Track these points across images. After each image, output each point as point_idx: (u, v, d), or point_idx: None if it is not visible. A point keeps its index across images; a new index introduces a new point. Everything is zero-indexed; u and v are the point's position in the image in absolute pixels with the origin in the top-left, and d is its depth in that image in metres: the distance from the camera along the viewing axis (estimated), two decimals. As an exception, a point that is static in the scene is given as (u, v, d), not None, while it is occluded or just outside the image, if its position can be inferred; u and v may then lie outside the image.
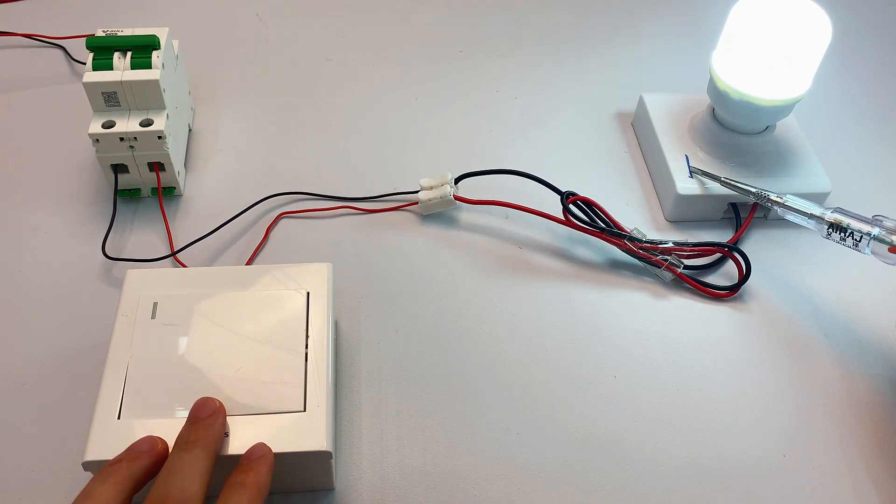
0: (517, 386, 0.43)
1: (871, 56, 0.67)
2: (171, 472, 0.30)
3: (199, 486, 0.30)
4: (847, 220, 0.40)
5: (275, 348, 0.37)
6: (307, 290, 0.40)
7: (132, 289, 0.40)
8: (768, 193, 0.44)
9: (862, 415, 0.43)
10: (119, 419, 0.35)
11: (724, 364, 0.44)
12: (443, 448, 0.40)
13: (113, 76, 0.46)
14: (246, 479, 0.31)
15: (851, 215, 0.41)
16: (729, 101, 0.49)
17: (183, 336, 0.38)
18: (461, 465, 0.40)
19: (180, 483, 0.30)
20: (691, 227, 0.51)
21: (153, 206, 0.50)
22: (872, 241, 0.39)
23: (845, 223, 0.40)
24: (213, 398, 0.34)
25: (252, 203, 0.51)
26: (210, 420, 0.33)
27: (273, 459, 0.33)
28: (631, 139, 0.58)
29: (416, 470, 0.39)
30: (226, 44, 0.64)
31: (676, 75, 0.63)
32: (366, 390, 0.42)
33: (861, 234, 0.39)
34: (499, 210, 0.51)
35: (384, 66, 0.62)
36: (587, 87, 0.62)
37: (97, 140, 0.46)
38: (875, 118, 0.61)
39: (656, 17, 0.69)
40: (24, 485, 0.38)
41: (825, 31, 0.46)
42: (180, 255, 0.47)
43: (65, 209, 0.50)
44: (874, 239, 0.39)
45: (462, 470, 0.39)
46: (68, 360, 0.43)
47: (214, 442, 0.32)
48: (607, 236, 0.48)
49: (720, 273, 0.49)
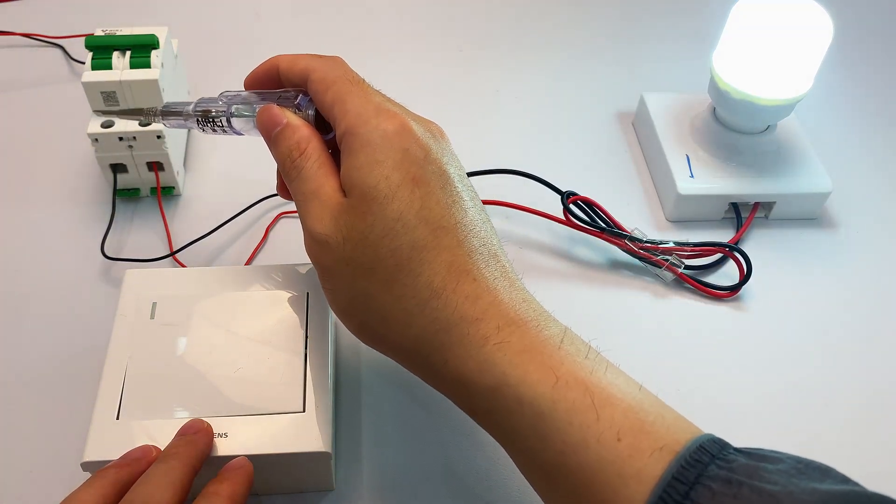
0: (517, 386, 0.43)
1: (871, 56, 0.67)
2: (143, 482, 0.31)
3: (168, 496, 0.30)
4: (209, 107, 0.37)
5: (274, 349, 0.37)
6: (307, 290, 0.40)
7: (131, 289, 0.39)
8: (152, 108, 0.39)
9: (862, 414, 0.43)
10: (118, 419, 0.35)
11: (724, 364, 0.44)
12: (443, 448, 0.40)
13: (112, 76, 0.46)
14: (220, 489, 0.31)
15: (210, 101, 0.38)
16: (730, 100, 0.49)
17: (182, 336, 0.37)
18: (461, 465, 0.40)
19: (149, 491, 0.30)
20: (692, 226, 0.51)
21: (152, 205, 0.50)
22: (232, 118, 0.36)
23: (211, 111, 0.37)
24: (203, 420, 0.34)
25: (251, 203, 0.50)
26: (194, 437, 0.33)
27: (252, 472, 0.33)
28: (631, 139, 0.58)
29: (416, 470, 0.39)
30: (225, 43, 0.64)
31: (677, 75, 0.63)
32: (366, 390, 0.42)
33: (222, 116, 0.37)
34: (499, 210, 0.51)
35: (384, 65, 0.62)
36: (588, 87, 0.62)
37: (96, 140, 0.46)
38: (876, 118, 0.61)
39: (657, 16, 0.69)
40: (24, 485, 0.38)
41: (826, 31, 0.46)
42: (179, 255, 0.47)
43: (63, 209, 0.50)
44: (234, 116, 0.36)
45: (462, 470, 0.39)
46: (67, 360, 0.42)
47: (194, 457, 0.32)
48: (608, 236, 0.48)
49: (721, 273, 0.49)
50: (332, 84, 0.33)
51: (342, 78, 0.33)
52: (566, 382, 0.28)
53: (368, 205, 0.30)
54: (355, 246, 0.30)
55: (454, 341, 0.30)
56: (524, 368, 0.29)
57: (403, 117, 0.32)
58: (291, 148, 0.33)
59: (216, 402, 0.35)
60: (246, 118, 0.36)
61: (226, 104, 0.37)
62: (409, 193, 0.30)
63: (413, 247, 0.30)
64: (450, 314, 0.30)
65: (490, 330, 0.30)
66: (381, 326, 0.31)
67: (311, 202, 0.32)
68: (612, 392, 0.28)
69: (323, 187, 0.32)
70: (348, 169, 0.31)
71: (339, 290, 0.32)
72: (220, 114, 0.37)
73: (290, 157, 0.33)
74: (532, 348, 0.29)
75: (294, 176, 0.33)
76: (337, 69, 0.33)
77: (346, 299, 0.32)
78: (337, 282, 0.32)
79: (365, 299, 0.31)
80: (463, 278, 0.30)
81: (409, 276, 0.30)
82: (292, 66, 0.34)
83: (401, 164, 0.30)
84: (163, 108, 0.39)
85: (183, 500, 0.31)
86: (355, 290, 0.31)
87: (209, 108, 0.37)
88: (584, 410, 0.28)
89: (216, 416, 0.35)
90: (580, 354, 0.30)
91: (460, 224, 0.31)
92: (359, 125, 0.31)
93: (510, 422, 0.29)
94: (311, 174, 0.32)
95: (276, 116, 0.33)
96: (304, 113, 0.34)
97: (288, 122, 0.33)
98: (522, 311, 0.31)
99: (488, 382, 0.29)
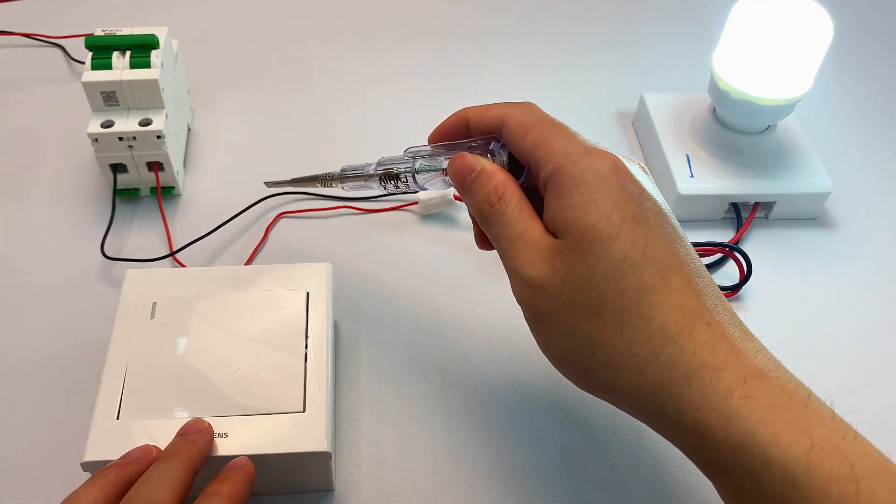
0: (517, 386, 0.43)
1: (871, 56, 0.67)
2: (144, 481, 0.31)
3: (169, 496, 0.30)
4: (392, 165, 0.38)
5: (274, 348, 0.37)
6: (307, 290, 0.40)
7: (131, 289, 0.39)
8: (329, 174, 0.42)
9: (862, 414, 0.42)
10: (118, 419, 0.35)
11: (724, 364, 0.44)
12: (443, 448, 0.40)
13: (112, 76, 0.46)
14: (221, 489, 0.31)
15: (392, 161, 0.39)
16: (730, 100, 0.49)
17: (182, 336, 0.37)
18: (461, 465, 0.40)
19: (150, 491, 0.30)
20: (692, 226, 0.51)
21: (152, 205, 0.50)
22: (417, 174, 0.37)
23: (393, 169, 0.38)
24: (203, 420, 0.34)
25: (251, 203, 0.50)
26: (195, 437, 0.33)
27: (253, 472, 0.33)
28: (631, 139, 0.58)
29: (416, 470, 0.39)
30: (225, 43, 0.64)
31: (677, 75, 0.63)
32: (366, 390, 0.42)
33: (406, 174, 0.38)
34: (499, 210, 0.51)
35: (384, 66, 0.62)
36: (588, 87, 0.62)
37: (96, 140, 0.46)
38: (876, 118, 0.61)
39: (657, 16, 0.69)
40: (24, 485, 0.38)
41: (826, 31, 0.46)
42: (179, 255, 0.47)
43: (63, 209, 0.50)
44: (417, 172, 0.37)
45: (462, 470, 0.39)
46: (67, 360, 0.42)
47: (194, 456, 0.32)
48: (607, 236, 0.48)
49: (721, 273, 0.49)
50: (531, 127, 0.32)
51: (542, 120, 0.32)
52: (821, 448, 0.26)
53: (589, 245, 0.29)
54: (577, 289, 0.29)
55: (694, 392, 0.28)
56: (775, 428, 0.27)
57: (613, 155, 0.31)
58: (489, 193, 0.32)
59: (216, 401, 0.35)
60: (431, 172, 0.36)
61: (411, 160, 0.37)
62: (632, 232, 0.29)
63: (642, 288, 0.29)
64: (688, 361, 0.28)
65: (734, 381, 0.28)
66: (608, 374, 0.30)
67: (517, 246, 0.31)
68: (868, 462, 0.27)
69: (529, 230, 0.31)
70: (561, 209, 0.30)
71: (558, 335, 0.31)
72: (405, 171, 0.37)
73: (489, 202, 0.32)
74: (780, 405, 0.27)
75: (495, 220, 0.32)
76: (533, 112, 0.33)
77: (567, 345, 0.30)
78: (555, 327, 0.30)
79: (590, 345, 0.29)
80: (697, 322, 0.29)
81: (639, 319, 0.28)
82: (484, 115, 0.34)
83: (619, 202, 0.29)
84: (341, 173, 0.40)
85: (183, 499, 0.31)
86: (578, 336, 0.30)
87: (392, 167, 0.38)
88: (842, 481, 0.26)
89: (216, 416, 0.35)
90: (827, 416, 0.28)
91: (685, 264, 0.30)
92: (568, 164, 0.30)
93: (754, 484, 0.27)
94: (513, 218, 0.31)
95: (469, 163, 0.33)
96: (496, 159, 0.34)
97: (482, 167, 0.33)
98: (762, 363, 0.29)
99: (733, 439, 0.27)
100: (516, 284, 0.32)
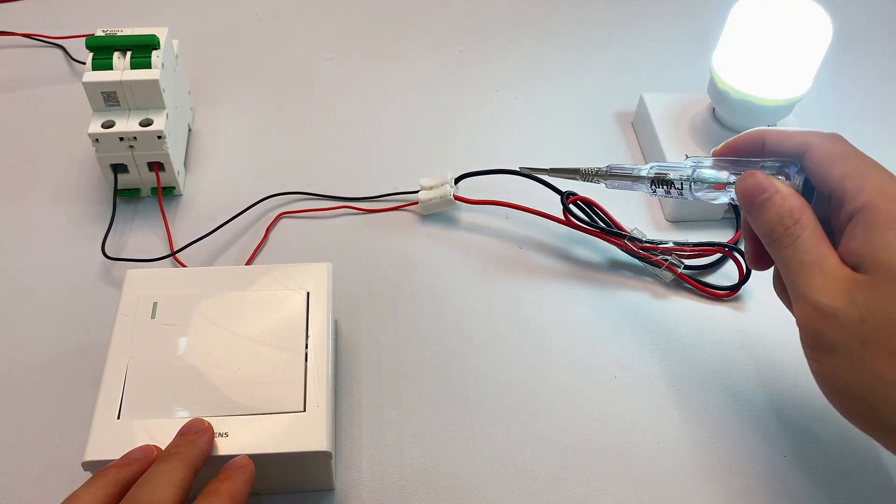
0: (517, 386, 0.43)
1: (871, 56, 0.67)
2: (145, 482, 0.31)
3: (170, 495, 0.30)
4: (666, 171, 0.39)
5: (274, 348, 0.37)
6: (307, 290, 0.40)
7: (132, 289, 0.40)
8: (593, 169, 0.43)
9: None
10: (119, 419, 0.35)
11: (724, 364, 0.44)
12: (443, 448, 0.40)
13: (112, 76, 0.46)
14: (221, 488, 0.31)
15: (669, 166, 0.40)
16: (729, 100, 0.49)
17: (183, 336, 0.38)
18: (461, 465, 0.40)
19: (150, 491, 0.30)
20: (691, 226, 0.51)
21: (153, 205, 0.50)
22: (694, 183, 0.38)
23: (668, 174, 0.39)
24: (203, 420, 0.34)
25: (252, 203, 0.51)
26: (195, 437, 0.33)
27: (253, 471, 0.33)
28: (631, 139, 0.58)
29: (416, 470, 0.39)
30: (226, 43, 0.64)
31: (677, 75, 0.63)
32: (366, 390, 0.42)
33: (682, 181, 0.38)
34: (499, 210, 0.51)
35: (384, 66, 0.62)
36: (587, 87, 0.62)
37: (97, 140, 0.46)
38: (875, 118, 0.61)
39: (657, 16, 0.69)
40: (24, 485, 0.38)
41: (825, 31, 0.46)
42: (180, 255, 0.47)
43: (64, 209, 0.50)
44: (695, 181, 0.38)
45: (462, 470, 0.39)
46: (68, 360, 0.42)
47: (195, 456, 0.32)
48: (607, 236, 0.48)
49: (720, 273, 0.49)
50: (840, 158, 0.32)
51: (852, 153, 0.33)
52: None
53: None
54: (877, 327, 0.29)
55: None
56: None
57: None
58: (783, 215, 0.32)
59: (217, 401, 0.35)
60: (710, 184, 0.37)
61: (691, 169, 0.38)
62: None
63: None
64: None
65: None
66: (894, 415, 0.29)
67: (812, 272, 0.31)
68: None
69: (826, 258, 0.31)
70: (870, 245, 0.30)
71: (842, 368, 0.30)
72: (681, 178, 0.38)
73: (783, 224, 0.32)
74: None
75: (787, 243, 0.32)
76: (841, 144, 0.33)
77: (850, 380, 0.30)
78: (840, 360, 0.30)
79: (879, 385, 0.29)
80: None
81: None
82: (786, 140, 0.34)
83: None
84: (608, 169, 0.40)
85: (184, 499, 0.31)
86: (866, 373, 0.30)
87: (667, 172, 0.39)
88: None
89: (217, 416, 0.35)
90: None
91: None
92: (884, 202, 0.30)
93: None
94: (809, 244, 0.32)
95: (763, 183, 0.33)
96: (791, 183, 0.34)
97: (778, 189, 0.33)
98: None
99: None
100: (803, 309, 0.32)
